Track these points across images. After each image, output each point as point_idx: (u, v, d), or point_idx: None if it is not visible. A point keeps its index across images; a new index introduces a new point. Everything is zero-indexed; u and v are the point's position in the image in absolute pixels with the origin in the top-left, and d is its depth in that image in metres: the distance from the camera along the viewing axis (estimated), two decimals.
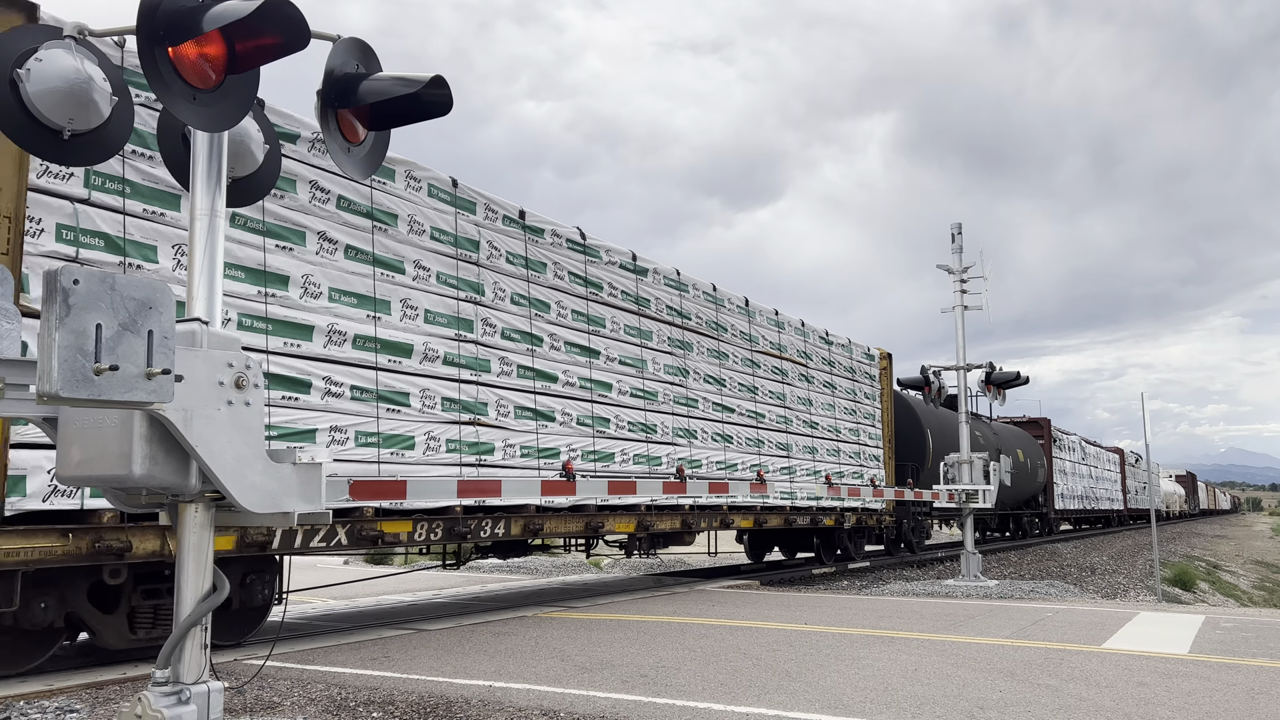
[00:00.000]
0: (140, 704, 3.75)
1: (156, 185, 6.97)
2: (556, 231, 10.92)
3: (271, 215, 7.79)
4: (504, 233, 10.18)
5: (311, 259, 8.12)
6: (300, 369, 7.87)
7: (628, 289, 11.94)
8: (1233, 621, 9.72)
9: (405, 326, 8.86)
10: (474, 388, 9.49)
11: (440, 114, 4.46)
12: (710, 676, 6.39)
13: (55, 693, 5.93)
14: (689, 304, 13.14)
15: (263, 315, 7.66)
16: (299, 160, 8.08)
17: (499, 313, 9.94)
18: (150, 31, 3.64)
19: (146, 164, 6.91)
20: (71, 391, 3.15)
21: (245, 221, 7.59)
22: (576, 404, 10.84)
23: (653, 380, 12.14)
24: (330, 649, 7.59)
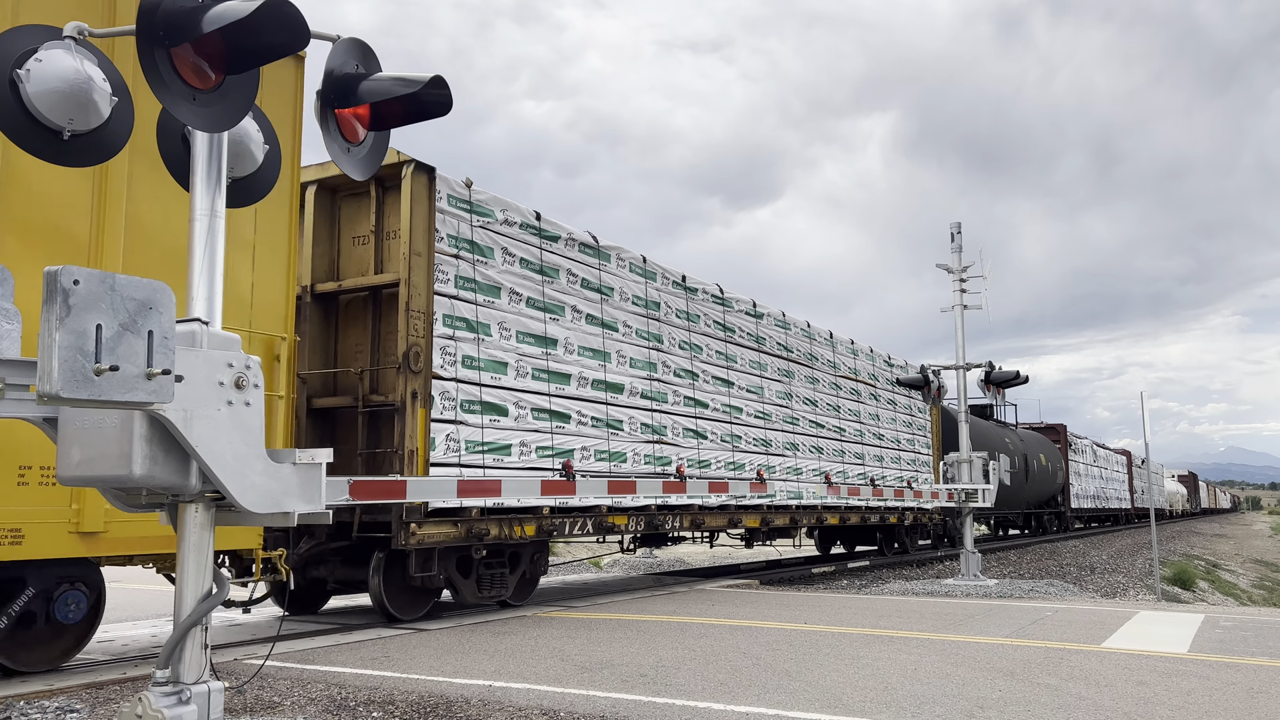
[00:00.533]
0: (141, 704, 3.75)
1: (488, 283, 9.82)
2: (705, 289, 13.71)
3: (548, 296, 10.60)
4: (672, 293, 12.92)
5: (569, 326, 10.87)
6: (564, 407, 10.66)
7: (750, 330, 14.90)
8: (1232, 620, 9.72)
9: (619, 371, 11.66)
10: (659, 415, 12.30)
11: (440, 114, 4.47)
12: (710, 676, 6.39)
13: (55, 693, 5.93)
14: (791, 339, 16.07)
15: (545, 369, 10.41)
16: (561, 255, 10.88)
17: (671, 356, 12.75)
18: (150, 32, 3.65)
19: (484, 268, 9.78)
20: (72, 392, 3.15)
21: (533, 301, 10.42)
22: (721, 425, 13.69)
23: (769, 404, 15.09)
24: (330, 648, 7.60)
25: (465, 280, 9.57)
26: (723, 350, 13.93)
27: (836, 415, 17.24)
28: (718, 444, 13.51)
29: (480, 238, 9.83)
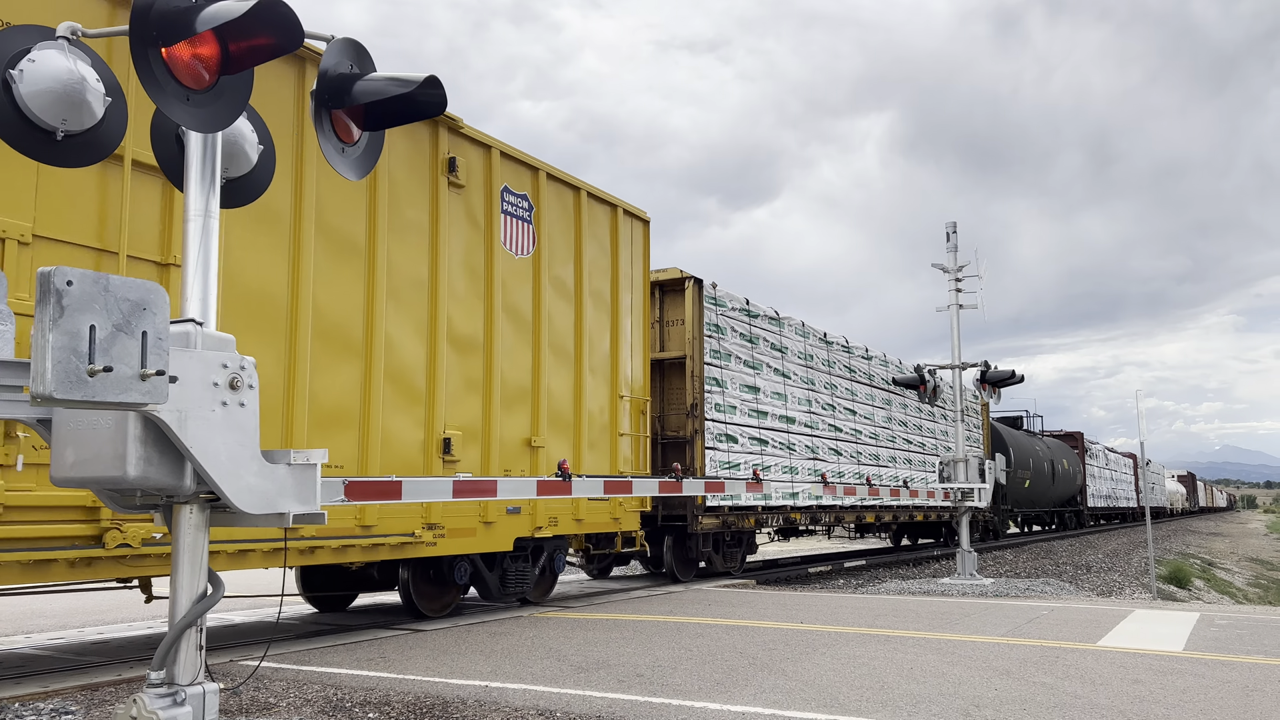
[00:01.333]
0: (135, 705, 3.74)
1: (725, 352, 14.33)
2: (837, 341, 18.17)
3: (754, 357, 15.06)
4: (818, 346, 17.42)
5: (764, 377, 15.37)
6: (764, 435, 15.20)
7: (864, 370, 19.26)
8: (1227, 619, 9.74)
9: (792, 408, 16.15)
10: (815, 439, 16.78)
11: (434, 114, 4.47)
12: (706, 675, 6.39)
13: (51, 694, 5.92)
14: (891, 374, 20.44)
15: (754, 409, 14.94)
16: (758, 326, 15.34)
17: (818, 393, 17.18)
18: (143, 32, 3.64)
19: (723, 342, 14.29)
20: (65, 393, 3.15)
21: (745, 361, 14.86)
22: (849, 445, 18.09)
23: (877, 427, 19.49)
24: (326, 649, 7.59)
25: (714, 352, 14.09)
26: (849, 387, 18.47)
27: (918, 433, 21.81)
28: (848, 459, 18.02)
29: (720, 321, 14.30)
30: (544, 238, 10.40)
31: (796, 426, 16.21)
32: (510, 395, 9.87)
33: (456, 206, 9.32)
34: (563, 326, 10.69)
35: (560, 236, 10.73)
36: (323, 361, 7.89)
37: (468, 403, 9.36)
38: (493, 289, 9.66)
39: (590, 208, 11.24)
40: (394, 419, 8.53)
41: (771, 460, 15.26)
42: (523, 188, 10.23)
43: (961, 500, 15.69)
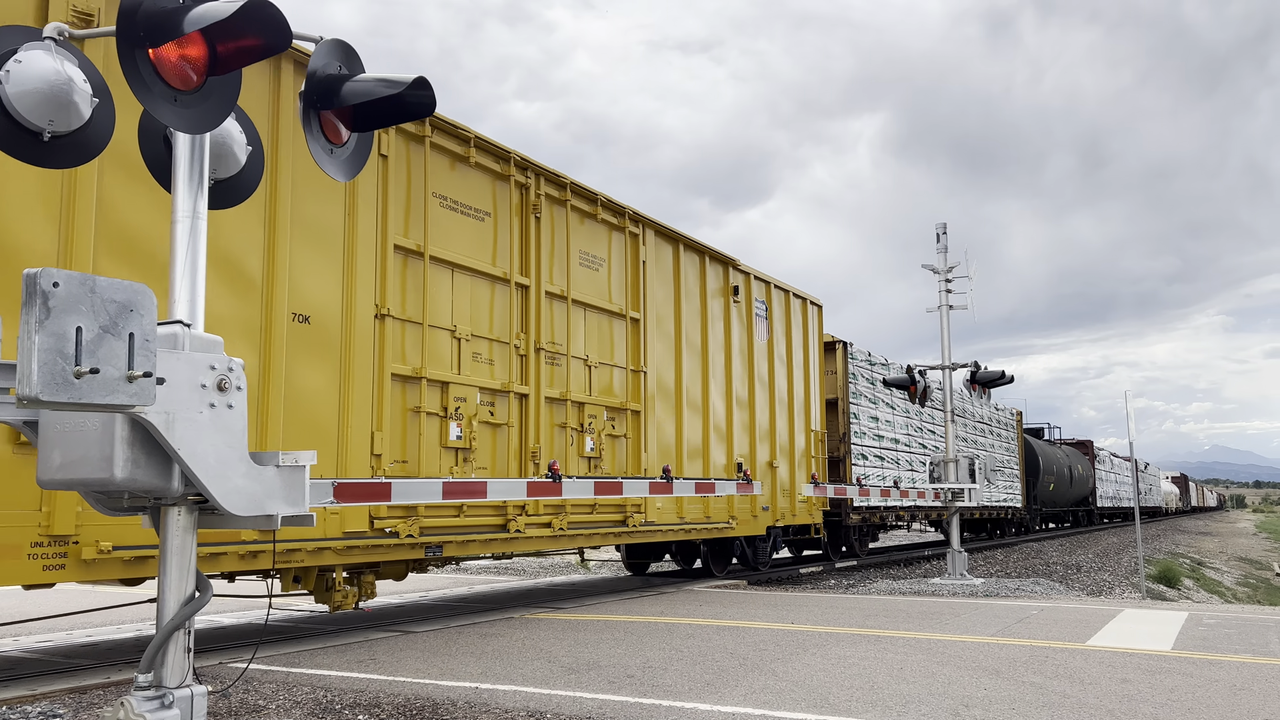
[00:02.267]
0: (123, 708, 3.73)
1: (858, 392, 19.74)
2: None
3: (875, 394, 20.12)
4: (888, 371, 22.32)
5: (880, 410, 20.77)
6: (881, 453, 20.59)
7: None
8: (1216, 618, 9.79)
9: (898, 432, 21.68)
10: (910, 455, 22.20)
11: (423, 115, 4.46)
12: (697, 676, 6.40)
13: (38, 697, 5.89)
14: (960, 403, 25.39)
15: (876, 433, 20.17)
16: (874, 371, 20.42)
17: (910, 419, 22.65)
18: (130, 33, 3.63)
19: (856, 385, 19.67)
20: (51, 395, 3.13)
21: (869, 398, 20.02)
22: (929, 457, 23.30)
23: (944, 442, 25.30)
24: (316, 651, 7.57)
25: (853, 393, 19.53)
26: (929, 413, 23.59)
27: (974, 446, 26.92)
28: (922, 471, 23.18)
29: (854, 370, 19.66)
30: (774, 327, 15.69)
31: (899, 445, 21.92)
32: (761, 434, 15.00)
33: (735, 314, 14.53)
34: (781, 386, 15.81)
35: (780, 324, 15.98)
36: (686, 417, 12.98)
37: (742, 440, 14.43)
38: (752, 365, 14.84)
39: (793, 302, 16.53)
40: (715, 450, 13.68)
41: (888, 471, 20.99)
42: (763, 296, 15.41)
43: (952, 500, 15.72)
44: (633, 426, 11.87)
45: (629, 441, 11.79)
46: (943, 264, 16.10)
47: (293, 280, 7.73)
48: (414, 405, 8.77)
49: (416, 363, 8.82)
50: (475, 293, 9.64)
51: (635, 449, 11.83)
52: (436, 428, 8.97)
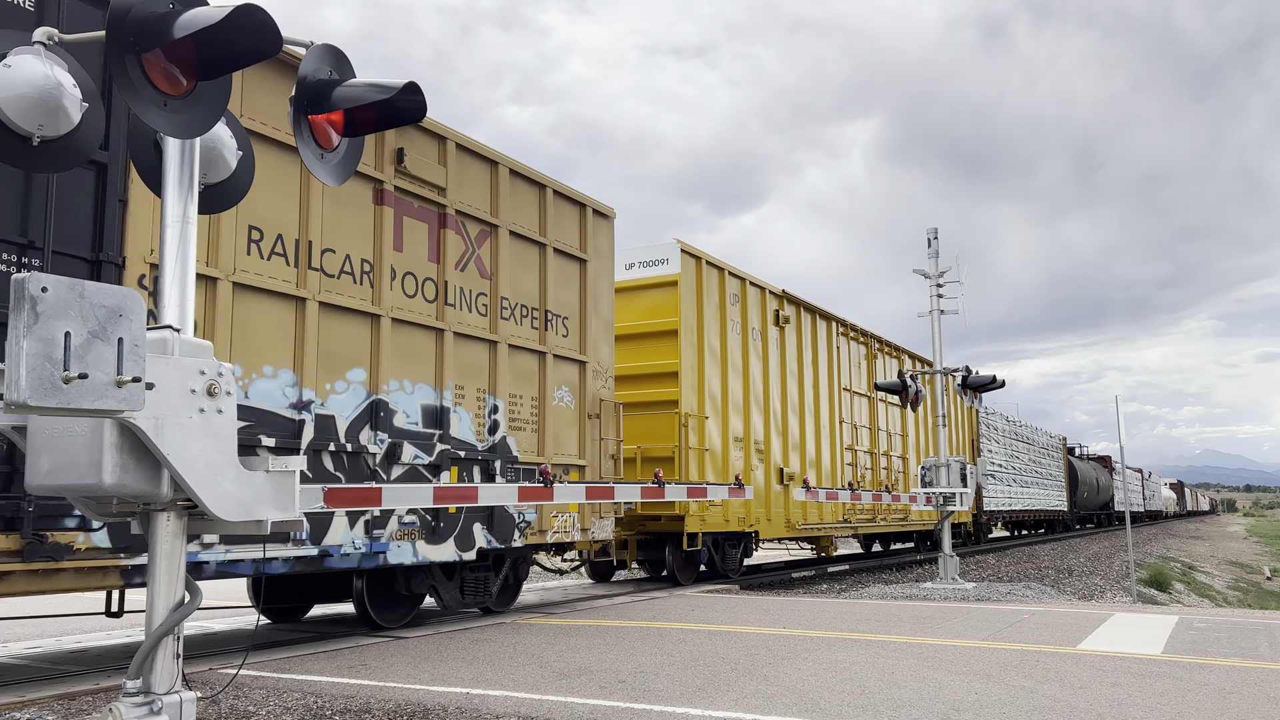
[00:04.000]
0: (112, 715, 3.71)
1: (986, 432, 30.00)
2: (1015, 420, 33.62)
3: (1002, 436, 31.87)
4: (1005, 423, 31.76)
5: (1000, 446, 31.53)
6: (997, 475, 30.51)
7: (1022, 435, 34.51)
8: (1206, 622, 9.82)
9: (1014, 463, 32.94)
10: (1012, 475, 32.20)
11: (414, 120, 4.46)
12: (688, 681, 6.40)
13: (27, 704, 5.86)
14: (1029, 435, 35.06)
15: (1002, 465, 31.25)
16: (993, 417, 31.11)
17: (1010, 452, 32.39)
18: (120, 37, 3.62)
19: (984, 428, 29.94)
20: (40, 400, 3.12)
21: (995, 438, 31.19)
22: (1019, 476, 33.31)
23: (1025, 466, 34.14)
24: (306, 657, 7.55)
25: (983, 430, 28.91)
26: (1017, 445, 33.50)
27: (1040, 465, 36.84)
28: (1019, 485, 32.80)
29: (979, 418, 28.50)
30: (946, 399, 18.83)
31: (1006, 469, 31.43)
32: None
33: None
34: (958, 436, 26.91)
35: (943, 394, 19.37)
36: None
37: None
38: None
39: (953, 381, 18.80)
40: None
41: (1002, 487, 30.72)
42: (944, 387, 17.41)
43: (944, 505, 15.74)
44: (876, 462, 20.97)
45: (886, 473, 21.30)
46: (934, 269, 16.14)
47: None
48: None
49: None
50: (836, 398, 19.27)
51: (877, 478, 20.76)
52: None
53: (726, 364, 14.98)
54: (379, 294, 8.77)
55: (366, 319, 8.67)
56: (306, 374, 8.01)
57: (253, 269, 7.70)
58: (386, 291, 8.85)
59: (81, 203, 6.49)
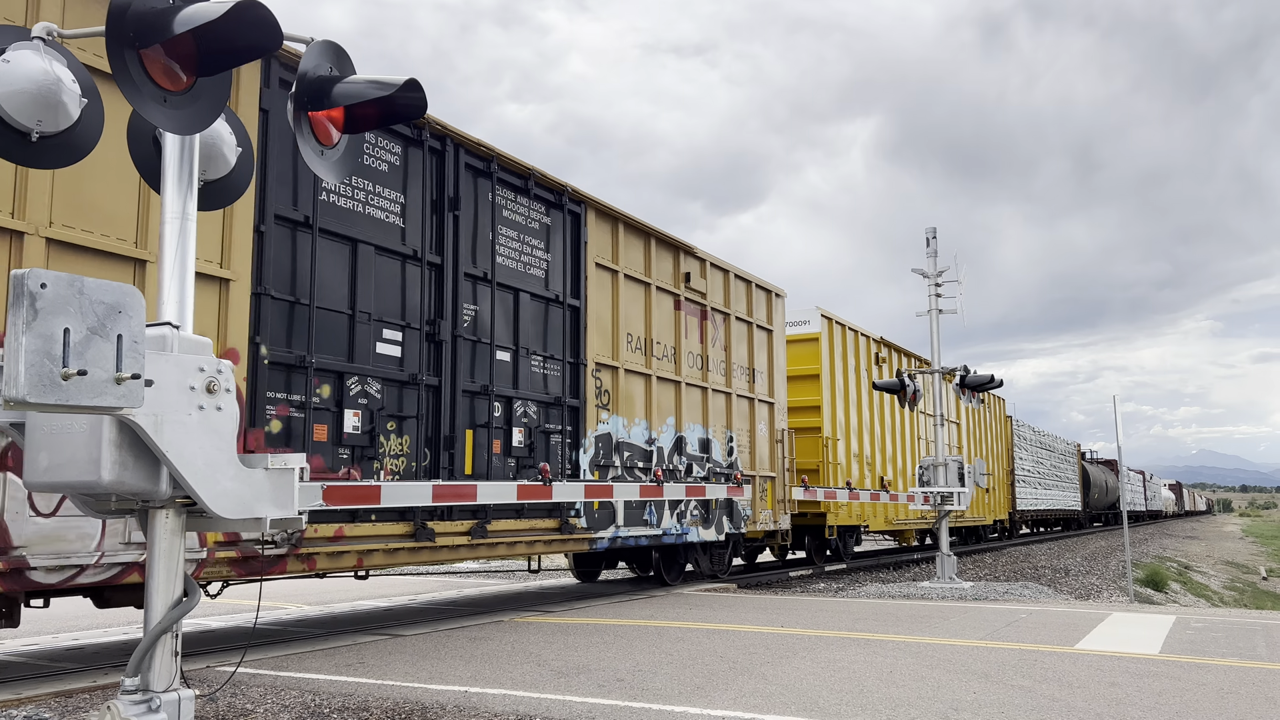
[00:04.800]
0: (109, 712, 3.70)
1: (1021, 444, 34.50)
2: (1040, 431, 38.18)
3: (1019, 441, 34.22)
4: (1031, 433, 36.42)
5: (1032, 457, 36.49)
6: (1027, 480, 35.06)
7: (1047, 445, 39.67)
8: (1203, 622, 9.83)
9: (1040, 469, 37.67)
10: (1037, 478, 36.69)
11: (414, 117, 4.45)
12: (686, 680, 6.39)
13: (24, 701, 5.85)
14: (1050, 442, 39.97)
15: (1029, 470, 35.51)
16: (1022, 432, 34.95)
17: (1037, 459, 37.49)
18: (120, 33, 3.61)
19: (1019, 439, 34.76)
20: (39, 396, 3.11)
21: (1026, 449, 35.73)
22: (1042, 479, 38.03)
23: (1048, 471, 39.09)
24: (304, 655, 7.54)
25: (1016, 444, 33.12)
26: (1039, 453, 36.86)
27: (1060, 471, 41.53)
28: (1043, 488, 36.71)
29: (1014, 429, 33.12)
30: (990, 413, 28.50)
31: (1034, 474, 35.94)
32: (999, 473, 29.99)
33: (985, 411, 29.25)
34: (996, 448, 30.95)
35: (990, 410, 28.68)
36: None
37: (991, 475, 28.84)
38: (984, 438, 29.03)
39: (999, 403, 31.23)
40: None
41: (1030, 490, 34.78)
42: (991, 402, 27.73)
43: (941, 504, 15.75)
44: None
45: None
46: (932, 268, 16.14)
47: None
48: None
49: None
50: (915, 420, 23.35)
51: None
52: None
53: (848, 398, 19.34)
54: (679, 367, 13.17)
55: (673, 384, 13.03)
56: (651, 422, 12.44)
57: (629, 359, 12.10)
58: (683, 366, 13.28)
59: (565, 328, 11.05)
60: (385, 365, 8.69)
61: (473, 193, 9.81)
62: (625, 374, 11.92)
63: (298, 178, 7.99)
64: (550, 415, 10.67)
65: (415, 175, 9.15)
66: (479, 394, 9.66)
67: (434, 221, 9.35)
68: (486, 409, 9.70)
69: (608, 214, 11.88)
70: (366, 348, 8.47)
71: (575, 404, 11.02)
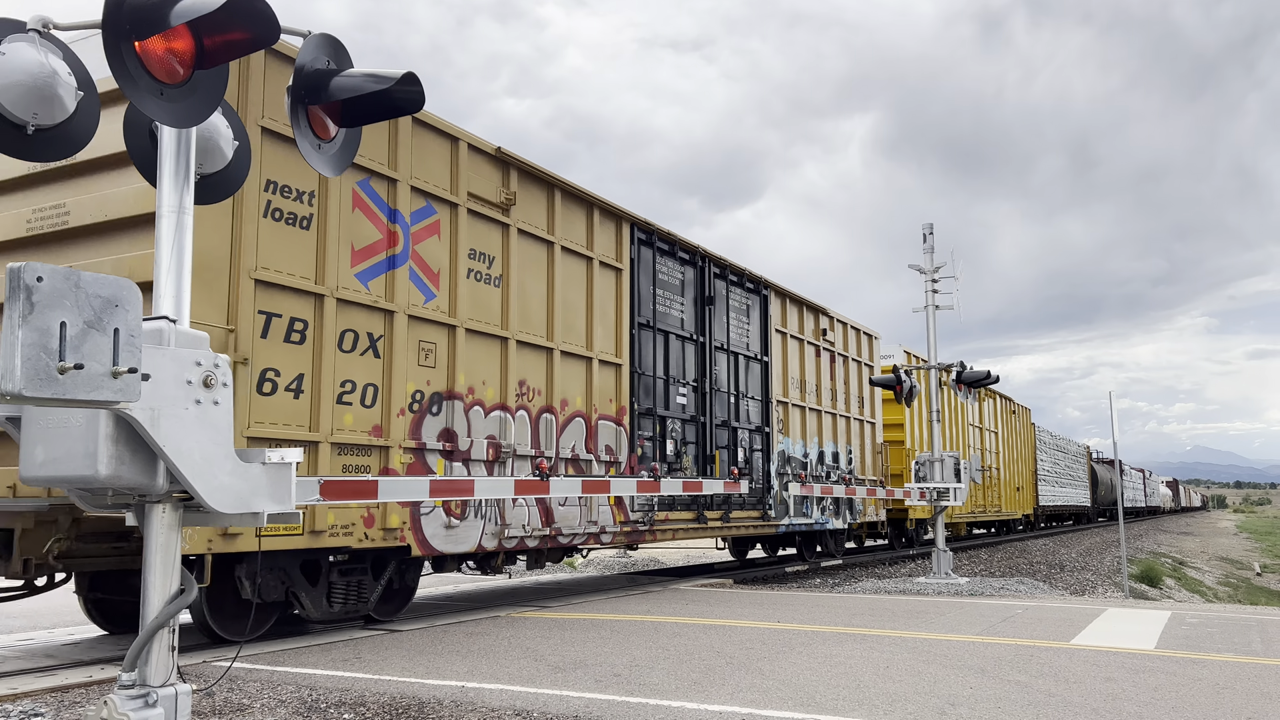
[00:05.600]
0: (106, 707, 3.70)
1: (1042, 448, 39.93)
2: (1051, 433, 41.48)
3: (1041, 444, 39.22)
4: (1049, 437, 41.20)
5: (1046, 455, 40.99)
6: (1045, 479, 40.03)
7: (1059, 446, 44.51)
8: (1198, 617, 9.85)
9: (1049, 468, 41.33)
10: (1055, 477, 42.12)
11: (412, 110, 4.44)
12: (683, 675, 6.40)
13: (20, 696, 5.84)
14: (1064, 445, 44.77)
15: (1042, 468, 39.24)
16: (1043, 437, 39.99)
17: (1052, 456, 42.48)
18: (116, 25, 3.60)
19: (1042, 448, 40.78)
20: (35, 390, 3.10)
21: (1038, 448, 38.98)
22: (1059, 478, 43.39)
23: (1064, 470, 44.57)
24: (300, 650, 7.53)
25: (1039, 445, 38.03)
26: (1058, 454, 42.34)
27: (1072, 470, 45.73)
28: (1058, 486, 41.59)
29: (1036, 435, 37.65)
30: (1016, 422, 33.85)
31: (1052, 474, 40.34)
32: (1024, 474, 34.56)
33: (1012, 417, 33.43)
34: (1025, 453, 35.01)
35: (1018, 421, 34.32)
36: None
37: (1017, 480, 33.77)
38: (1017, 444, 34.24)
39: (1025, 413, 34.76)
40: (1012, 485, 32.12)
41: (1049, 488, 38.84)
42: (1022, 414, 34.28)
43: (937, 500, 15.76)
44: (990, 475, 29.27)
45: None
46: (929, 264, 16.15)
47: None
48: None
49: None
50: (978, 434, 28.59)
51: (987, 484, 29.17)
52: None
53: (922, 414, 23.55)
54: (819, 399, 17.43)
55: (815, 412, 17.24)
56: (805, 440, 16.76)
57: (792, 396, 16.52)
58: (822, 398, 17.50)
59: (761, 377, 15.47)
60: (680, 410, 13.36)
61: (717, 290, 14.48)
62: (791, 407, 16.45)
63: (641, 297, 12.61)
64: (754, 439, 15.30)
65: (690, 284, 13.85)
66: (720, 426, 14.30)
67: (696, 312, 13.95)
68: (726, 436, 14.46)
69: (781, 293, 16.37)
70: (671, 399, 13.15)
71: (767, 430, 15.65)
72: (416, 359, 9.02)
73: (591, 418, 11.40)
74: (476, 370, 9.71)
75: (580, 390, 11.30)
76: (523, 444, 10.21)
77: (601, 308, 11.76)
